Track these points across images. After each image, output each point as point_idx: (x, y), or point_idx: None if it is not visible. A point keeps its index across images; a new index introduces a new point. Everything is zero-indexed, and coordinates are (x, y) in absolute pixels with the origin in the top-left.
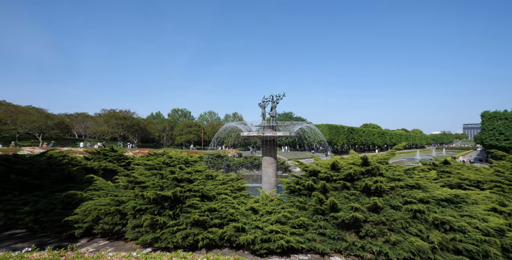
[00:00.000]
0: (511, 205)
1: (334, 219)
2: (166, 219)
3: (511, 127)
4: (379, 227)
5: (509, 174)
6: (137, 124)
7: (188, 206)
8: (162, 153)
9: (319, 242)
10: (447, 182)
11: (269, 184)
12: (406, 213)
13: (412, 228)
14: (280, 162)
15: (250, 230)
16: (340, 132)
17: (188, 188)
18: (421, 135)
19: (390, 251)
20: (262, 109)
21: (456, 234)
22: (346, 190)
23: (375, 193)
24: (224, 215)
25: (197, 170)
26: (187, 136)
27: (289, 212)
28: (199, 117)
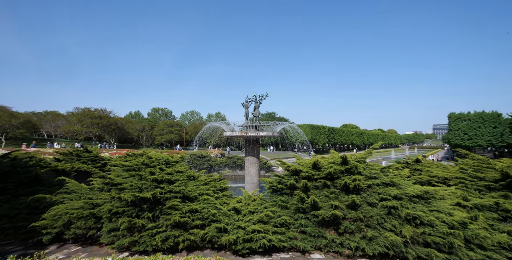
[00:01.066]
0: (473, 200)
1: (314, 217)
2: (145, 221)
3: (474, 128)
4: (357, 223)
5: (471, 171)
6: (114, 123)
7: (168, 208)
8: (141, 153)
9: (300, 240)
10: (418, 180)
11: (252, 184)
12: (382, 210)
13: (387, 223)
14: (263, 162)
15: (233, 230)
16: (321, 132)
17: (168, 189)
18: (395, 135)
19: (367, 246)
20: (245, 109)
21: (426, 228)
22: (326, 189)
23: (354, 191)
24: (206, 216)
25: (178, 171)
26: (168, 136)
27: (272, 211)
28: (181, 116)
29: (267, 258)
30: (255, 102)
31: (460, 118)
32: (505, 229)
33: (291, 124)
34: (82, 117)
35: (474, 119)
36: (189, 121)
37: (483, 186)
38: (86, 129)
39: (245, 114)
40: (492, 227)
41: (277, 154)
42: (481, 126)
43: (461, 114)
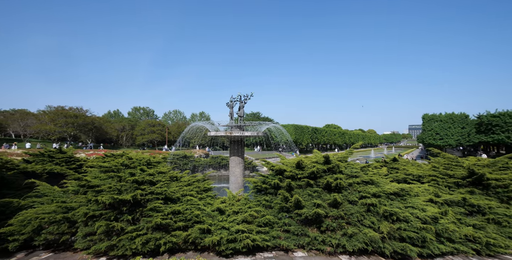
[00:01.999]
0: (443, 196)
1: (298, 216)
2: (124, 224)
3: (445, 128)
4: (338, 221)
5: (442, 169)
6: (91, 123)
7: (149, 210)
8: (121, 154)
9: (284, 239)
10: (395, 178)
11: (236, 184)
12: (361, 207)
13: (366, 220)
14: (247, 162)
15: (216, 231)
16: (305, 132)
17: (150, 191)
18: (375, 135)
19: (347, 243)
20: (230, 108)
21: (401, 223)
22: (309, 188)
23: (335, 190)
24: (189, 217)
25: (161, 172)
26: (150, 136)
27: (256, 211)
28: (163, 116)
29: (250, 258)
30: (240, 102)
31: (433, 119)
32: (471, 222)
33: (276, 124)
34: (55, 116)
35: (445, 120)
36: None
37: (452, 183)
38: (59, 129)
39: (229, 114)
40: (460, 221)
41: (262, 154)
42: (451, 127)
43: (433, 115)
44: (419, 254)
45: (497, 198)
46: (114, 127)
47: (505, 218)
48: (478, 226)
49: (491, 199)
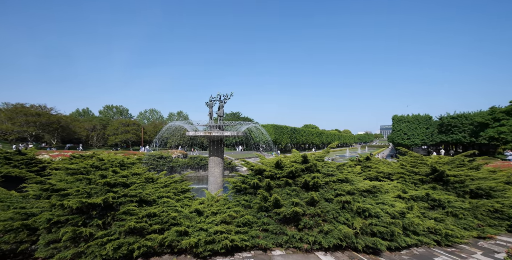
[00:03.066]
0: (410, 192)
1: (276, 215)
2: (94, 229)
3: (411, 129)
4: (315, 219)
5: (409, 167)
6: (56, 121)
7: (122, 213)
8: (90, 155)
9: (263, 238)
10: (368, 175)
11: (215, 184)
12: (337, 204)
13: (341, 217)
14: (227, 162)
15: (194, 232)
16: (284, 132)
17: (123, 193)
18: (350, 135)
19: (323, 239)
20: (209, 108)
21: (373, 219)
22: (288, 187)
23: (313, 188)
24: (165, 220)
25: (135, 173)
26: (124, 135)
27: (235, 211)
28: (139, 115)
29: (229, 259)
30: (219, 102)
31: (401, 120)
32: (433, 216)
33: (256, 124)
34: (13, 114)
35: (412, 121)
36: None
37: (417, 179)
38: (18, 128)
39: (209, 114)
40: (423, 215)
41: (241, 154)
42: (417, 127)
43: (402, 116)
44: (388, 247)
45: (455, 192)
46: (84, 127)
47: (461, 211)
48: (438, 219)
49: (450, 194)
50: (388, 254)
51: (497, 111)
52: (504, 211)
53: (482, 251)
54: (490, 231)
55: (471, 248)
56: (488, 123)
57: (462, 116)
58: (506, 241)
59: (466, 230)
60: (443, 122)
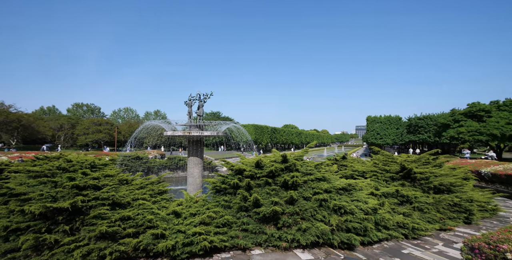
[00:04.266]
0: (382, 189)
1: (256, 214)
2: (60, 236)
3: (384, 129)
4: (294, 217)
5: (381, 165)
6: (16, 120)
7: (93, 218)
8: (57, 156)
9: (242, 238)
10: (344, 174)
11: (194, 185)
12: (315, 203)
13: (318, 215)
14: (207, 162)
15: (171, 235)
16: (264, 132)
17: (94, 196)
18: (327, 135)
19: (301, 237)
20: (188, 107)
21: (348, 216)
22: (268, 186)
23: (292, 187)
24: (141, 223)
25: (108, 175)
26: (95, 135)
27: (214, 212)
28: (112, 114)
29: None
30: (199, 101)
31: (375, 121)
32: (402, 211)
33: (236, 124)
34: None
35: (384, 122)
36: (123, 120)
37: (388, 177)
38: None
39: (188, 113)
40: (393, 210)
41: (222, 154)
42: (388, 128)
43: (375, 117)
44: (361, 242)
45: (421, 188)
46: (49, 126)
47: (426, 206)
48: (406, 213)
49: (416, 190)
50: (362, 248)
51: (456, 113)
52: (462, 205)
53: (443, 242)
54: (450, 223)
55: (434, 239)
56: (449, 124)
57: (427, 118)
58: (463, 232)
59: (430, 223)
60: (411, 123)
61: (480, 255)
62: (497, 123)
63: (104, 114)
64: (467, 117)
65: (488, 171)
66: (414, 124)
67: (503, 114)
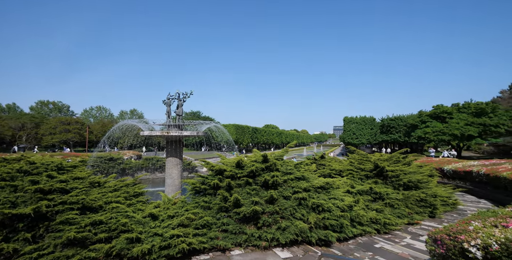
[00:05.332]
0: (357, 187)
1: (236, 215)
2: (20, 245)
3: (359, 129)
4: (274, 216)
5: (357, 164)
6: None
7: (60, 223)
8: (18, 158)
9: (222, 239)
10: (322, 173)
11: (173, 186)
12: (294, 201)
13: (297, 213)
14: (186, 163)
15: (147, 238)
16: (245, 132)
17: (61, 201)
18: (307, 135)
19: (281, 236)
20: (167, 107)
21: (326, 213)
22: (248, 186)
23: (272, 187)
24: (114, 227)
25: (77, 177)
26: (63, 135)
27: (193, 213)
28: (83, 112)
29: None
30: (178, 100)
31: (351, 121)
32: (375, 207)
33: (217, 124)
34: None
35: (359, 122)
36: (95, 119)
37: (363, 175)
38: None
39: (166, 112)
40: (367, 207)
41: (202, 154)
42: (364, 128)
43: (351, 118)
44: (338, 238)
45: (392, 186)
46: (8, 125)
47: (396, 202)
48: (379, 209)
49: (388, 187)
50: (338, 245)
51: (423, 114)
52: (427, 200)
53: (410, 236)
54: (417, 217)
55: (403, 233)
56: (417, 124)
57: (398, 118)
58: (428, 225)
59: (400, 218)
60: (384, 124)
61: (442, 246)
62: (457, 124)
63: (74, 113)
64: (432, 118)
65: (450, 169)
66: (387, 125)
67: (462, 116)
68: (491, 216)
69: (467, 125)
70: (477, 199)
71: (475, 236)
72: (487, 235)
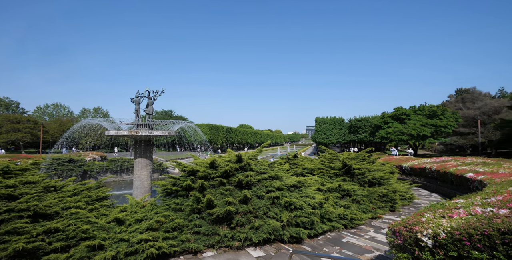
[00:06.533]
0: (327, 185)
1: (209, 216)
2: None
3: (330, 129)
4: (247, 216)
5: (327, 162)
6: None
7: (5, 233)
8: None
9: (194, 241)
10: (295, 172)
11: (142, 188)
12: (268, 200)
13: (271, 212)
14: (157, 164)
15: (112, 245)
16: (219, 131)
17: (7, 208)
18: (281, 135)
19: (254, 235)
20: (136, 105)
21: (297, 211)
22: (222, 186)
23: (246, 186)
24: (72, 235)
25: (28, 182)
26: (12, 135)
27: (164, 216)
28: (36, 110)
29: None
30: (148, 98)
31: (322, 122)
32: (342, 203)
33: (190, 124)
34: None
35: (330, 123)
36: (51, 117)
37: (333, 173)
38: None
39: (135, 111)
40: (336, 204)
41: (174, 155)
42: (334, 128)
43: (322, 118)
44: (309, 235)
45: (358, 183)
46: None
47: (362, 198)
48: (346, 206)
49: (355, 184)
50: (308, 241)
51: (386, 116)
52: (388, 195)
53: (374, 229)
54: (379, 212)
55: (367, 227)
56: (381, 125)
57: (364, 119)
58: (389, 219)
59: (364, 213)
60: (351, 124)
61: (400, 237)
62: (414, 125)
63: (25, 110)
64: (393, 119)
65: (407, 166)
66: (354, 125)
67: (418, 118)
68: (440, 208)
69: (422, 126)
70: (429, 193)
71: (427, 226)
72: (436, 225)
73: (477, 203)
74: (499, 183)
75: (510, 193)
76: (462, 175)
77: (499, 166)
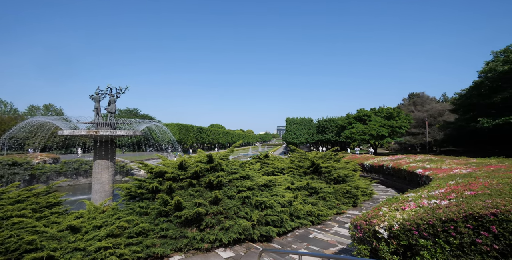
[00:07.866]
0: (296, 183)
1: (178, 218)
2: None
3: (299, 129)
4: (218, 217)
5: (297, 162)
6: None
7: None
8: None
9: (160, 245)
10: (266, 171)
11: (102, 192)
12: (238, 200)
13: (241, 212)
14: (120, 166)
15: (65, 255)
16: (190, 131)
17: None
18: (252, 135)
19: (224, 236)
20: (95, 103)
21: (268, 210)
22: (192, 188)
23: (217, 187)
24: (15, 247)
25: None
26: None
27: (127, 221)
28: None
29: None
30: (110, 96)
31: (292, 122)
32: (310, 201)
33: (157, 123)
34: None
35: (299, 123)
36: None
37: (302, 172)
38: None
39: (95, 109)
40: (304, 201)
41: (140, 156)
42: (303, 128)
43: (293, 119)
44: (278, 233)
45: (325, 180)
46: None
47: (328, 195)
48: (314, 203)
49: (322, 182)
50: (278, 239)
51: (350, 117)
52: (351, 192)
53: (338, 224)
54: (343, 207)
55: (332, 222)
56: (345, 126)
57: (331, 120)
58: (351, 214)
59: (330, 209)
60: (319, 124)
61: (360, 230)
62: (374, 125)
63: None
64: (356, 120)
65: (368, 164)
66: (322, 126)
67: (378, 119)
68: (395, 202)
69: (381, 126)
70: (386, 188)
71: (383, 219)
72: (391, 217)
73: (424, 196)
74: (442, 178)
75: (450, 186)
76: (413, 171)
77: (442, 162)
